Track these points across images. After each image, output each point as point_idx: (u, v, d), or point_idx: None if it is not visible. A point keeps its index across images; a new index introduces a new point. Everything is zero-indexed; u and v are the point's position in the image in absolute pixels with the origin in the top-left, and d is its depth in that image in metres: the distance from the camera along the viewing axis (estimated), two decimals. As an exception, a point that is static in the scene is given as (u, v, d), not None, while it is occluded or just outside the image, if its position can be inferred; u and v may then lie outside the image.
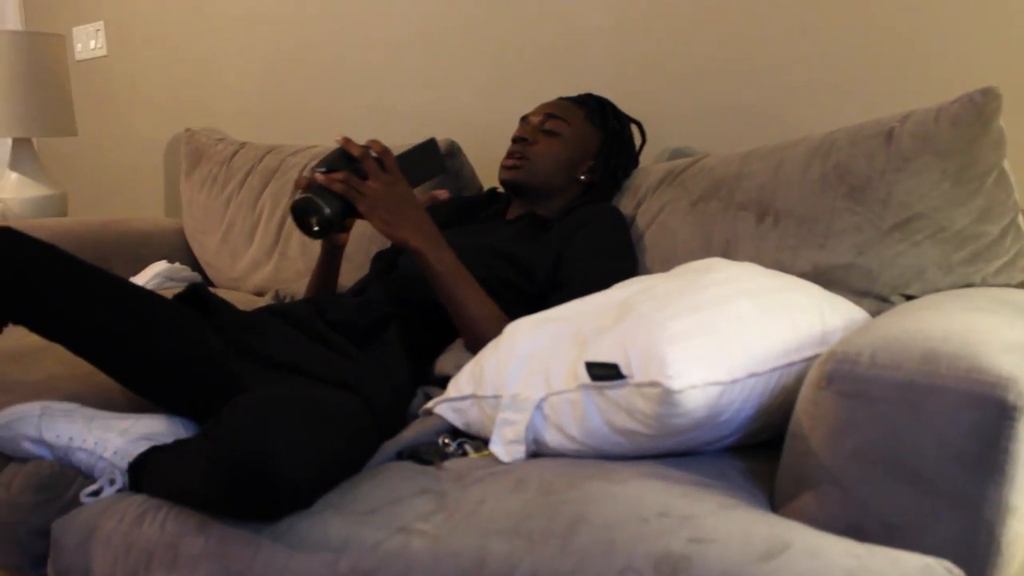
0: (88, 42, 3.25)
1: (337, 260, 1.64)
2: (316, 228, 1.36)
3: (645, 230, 1.58)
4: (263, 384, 1.18)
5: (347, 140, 1.37)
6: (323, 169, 1.36)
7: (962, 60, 1.54)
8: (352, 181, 1.33)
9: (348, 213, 1.37)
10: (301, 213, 1.36)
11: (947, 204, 1.26)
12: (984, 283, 1.28)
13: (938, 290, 1.28)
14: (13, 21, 3.48)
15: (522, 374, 1.08)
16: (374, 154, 1.36)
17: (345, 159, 1.37)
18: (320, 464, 0.96)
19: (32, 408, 1.25)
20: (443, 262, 1.36)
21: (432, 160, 1.46)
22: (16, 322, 1.20)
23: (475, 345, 1.34)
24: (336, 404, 1.04)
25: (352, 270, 1.96)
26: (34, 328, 1.21)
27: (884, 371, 0.83)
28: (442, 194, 1.48)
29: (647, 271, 1.54)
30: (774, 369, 1.00)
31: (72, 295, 1.18)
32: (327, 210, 1.35)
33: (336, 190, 1.34)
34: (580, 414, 1.01)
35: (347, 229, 1.58)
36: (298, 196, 1.37)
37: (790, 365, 1.02)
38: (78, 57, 3.28)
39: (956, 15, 1.53)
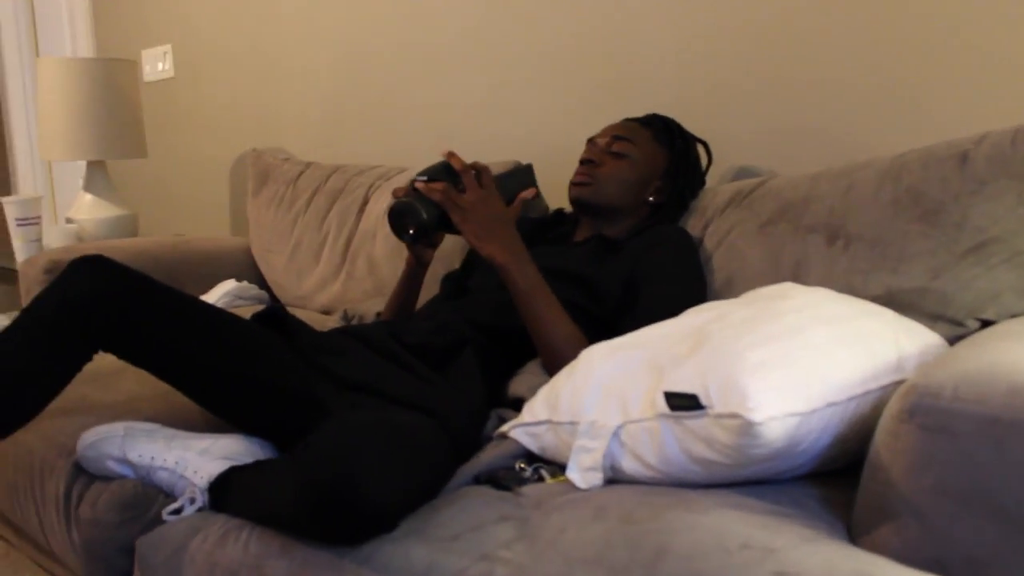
0: (156, 64, 3.34)
1: (421, 277, 1.68)
2: (411, 232, 1.44)
3: (713, 252, 1.58)
4: (343, 406, 1.21)
5: (451, 154, 1.44)
6: (424, 178, 1.42)
7: (1035, 79, 1.52)
8: (450, 192, 1.39)
9: (443, 223, 1.44)
10: (398, 216, 1.44)
11: (1023, 228, 1.24)
12: (1061, 307, 1.27)
13: (1014, 315, 1.27)
14: (86, 47, 3.59)
15: (598, 401, 1.09)
16: (474, 171, 1.42)
17: (446, 171, 1.43)
18: (404, 489, 0.98)
19: (116, 428, 1.29)
20: (527, 279, 1.39)
21: (528, 183, 1.53)
22: (105, 350, 1.24)
23: (553, 366, 1.36)
24: (418, 429, 1.07)
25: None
26: (121, 354, 1.26)
27: (968, 405, 0.82)
28: (529, 193, 1.51)
29: (715, 294, 1.53)
30: (851, 398, 1.00)
31: (159, 322, 1.23)
32: (424, 215, 1.42)
33: (435, 199, 1.40)
34: (658, 443, 1.02)
35: (436, 244, 1.62)
36: (397, 200, 1.43)
37: (867, 394, 1.02)
38: (146, 79, 3.37)
39: (1029, 34, 1.51)
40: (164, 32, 3.30)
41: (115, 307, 1.20)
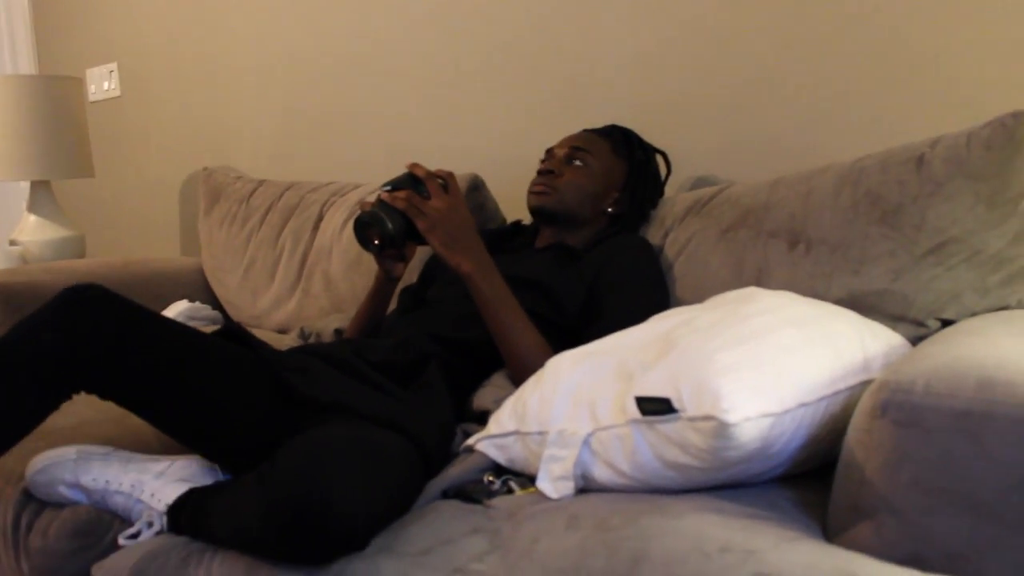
0: (101, 83, 3.28)
1: (389, 292, 1.65)
2: (376, 242, 1.42)
3: (674, 260, 1.58)
4: (312, 425, 1.18)
5: (415, 164, 1.42)
6: (389, 188, 1.41)
7: (985, 85, 1.54)
8: (414, 199, 1.38)
9: (410, 233, 1.42)
10: (363, 227, 1.43)
11: (981, 227, 1.26)
12: (1020, 305, 1.28)
13: (974, 314, 1.28)
14: (28, 65, 3.52)
15: (567, 409, 1.08)
16: (439, 179, 1.41)
17: (411, 181, 1.42)
18: (375, 506, 0.96)
19: (67, 452, 1.25)
20: (494, 288, 1.38)
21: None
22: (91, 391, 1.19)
23: (520, 376, 1.34)
24: (388, 445, 1.04)
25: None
26: (104, 394, 1.20)
27: (940, 399, 0.82)
28: None
29: (678, 301, 1.53)
30: (821, 398, 1.00)
31: (157, 359, 1.18)
32: (389, 225, 1.40)
33: (399, 207, 1.38)
34: (630, 449, 1.01)
35: (408, 258, 1.58)
36: (362, 211, 1.42)
37: (836, 394, 1.02)
38: (92, 99, 3.31)
39: (979, 39, 1.54)
40: (109, 50, 3.25)
41: (119, 347, 1.15)
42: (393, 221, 1.40)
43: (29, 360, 1.12)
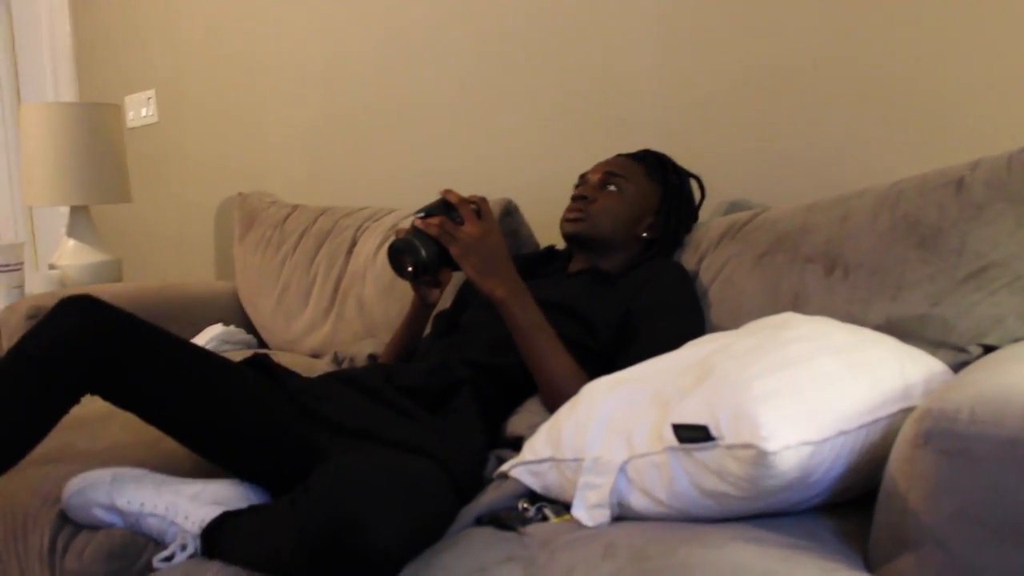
0: (140, 110, 3.33)
1: (424, 318, 1.65)
2: (410, 269, 1.43)
3: (709, 286, 1.57)
4: (340, 452, 1.18)
5: (448, 190, 1.43)
6: (422, 215, 1.42)
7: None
8: (447, 225, 1.38)
9: (443, 260, 1.43)
10: (397, 254, 1.44)
11: (1023, 252, 1.24)
12: (1064, 331, 1.26)
13: (1017, 339, 1.26)
14: (69, 92, 3.58)
15: (603, 436, 1.07)
16: (472, 205, 1.41)
17: (444, 207, 1.43)
18: (408, 532, 0.95)
19: (103, 475, 1.25)
20: (528, 314, 1.38)
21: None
22: (94, 392, 1.21)
23: (554, 402, 1.33)
24: (421, 471, 1.04)
25: (409, 330, 1.96)
26: (109, 397, 1.23)
27: (986, 428, 0.81)
28: None
29: (713, 327, 1.52)
30: (861, 426, 0.98)
31: (150, 364, 1.20)
32: (423, 252, 1.41)
33: (432, 233, 1.39)
34: (667, 477, 0.99)
35: (443, 284, 1.58)
36: (396, 238, 1.43)
37: (876, 422, 1.00)
38: (130, 125, 3.36)
39: (1019, 61, 1.52)
40: (147, 77, 3.30)
41: (104, 347, 1.17)
42: (427, 248, 1.41)
43: (18, 366, 1.18)
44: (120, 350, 1.18)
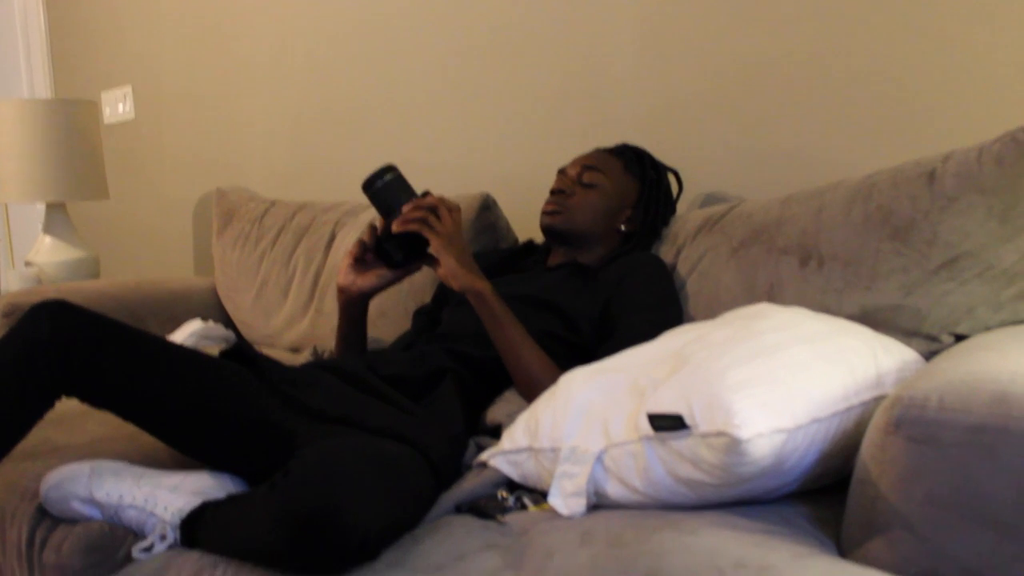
0: (116, 106, 3.31)
1: (359, 311, 1.60)
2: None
3: (687, 278, 1.58)
4: (319, 437, 1.18)
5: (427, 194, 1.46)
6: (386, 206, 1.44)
7: (996, 100, 1.54)
8: (430, 218, 1.40)
9: (413, 253, 1.46)
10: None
11: (994, 242, 1.26)
12: (1034, 320, 1.28)
13: (988, 328, 1.28)
14: (44, 88, 3.55)
15: (580, 426, 1.08)
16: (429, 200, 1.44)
17: (399, 187, 1.45)
18: (387, 518, 0.96)
19: (81, 468, 1.25)
20: (504, 308, 1.40)
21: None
22: (69, 395, 1.21)
23: (531, 394, 1.35)
24: (399, 457, 1.05)
25: (388, 325, 1.97)
26: (85, 398, 1.23)
27: (954, 415, 0.82)
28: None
29: (691, 318, 1.53)
30: (834, 414, 1.00)
31: (123, 364, 1.20)
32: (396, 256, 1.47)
33: (411, 228, 1.40)
34: (643, 466, 1.00)
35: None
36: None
37: (849, 410, 1.02)
38: (106, 121, 3.34)
39: (990, 55, 1.54)
40: (124, 73, 3.28)
41: (76, 352, 1.18)
42: (394, 251, 1.45)
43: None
44: (92, 354, 1.19)
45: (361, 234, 1.54)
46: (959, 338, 1.29)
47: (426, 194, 1.45)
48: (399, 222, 1.40)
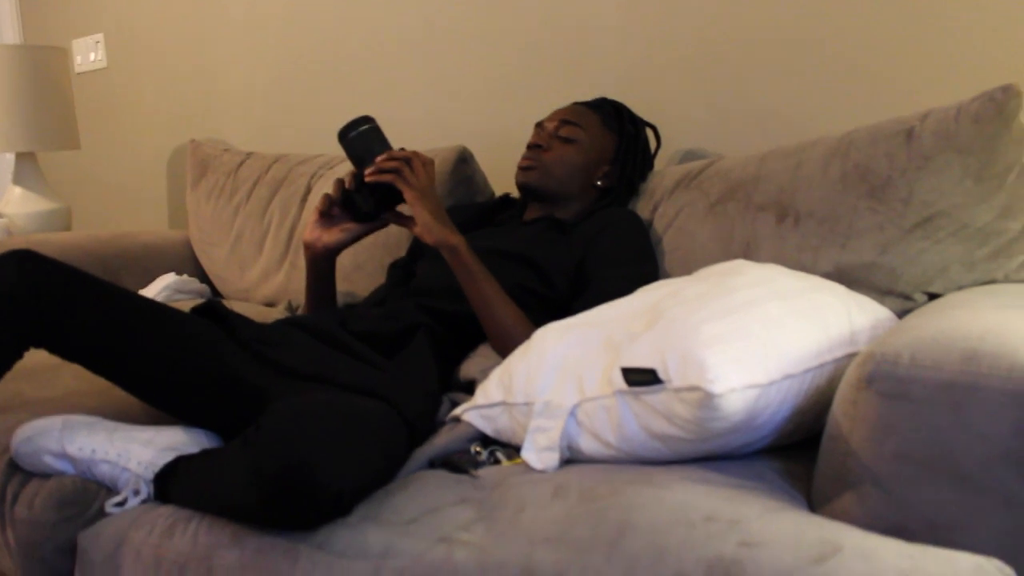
0: (88, 55, 3.24)
1: (327, 266, 1.57)
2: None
3: (663, 234, 1.58)
4: (291, 395, 1.18)
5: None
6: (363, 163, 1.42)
7: (976, 59, 1.54)
8: (405, 171, 1.37)
9: (383, 204, 1.44)
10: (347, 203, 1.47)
11: (969, 201, 1.26)
12: (1007, 279, 1.28)
13: (961, 287, 1.28)
14: (12, 35, 3.47)
15: (553, 380, 1.08)
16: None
17: (374, 138, 1.43)
18: (359, 472, 0.96)
19: (53, 422, 1.24)
20: (477, 262, 1.38)
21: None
22: (37, 346, 1.20)
23: (504, 348, 1.35)
24: (371, 412, 1.04)
25: (364, 279, 1.96)
26: (54, 350, 1.21)
27: (925, 371, 0.83)
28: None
29: (667, 274, 1.53)
30: (807, 370, 1.00)
31: (93, 316, 1.19)
32: (362, 207, 1.45)
33: (386, 180, 1.38)
34: (616, 420, 1.01)
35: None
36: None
37: (822, 366, 1.02)
38: (78, 70, 3.27)
39: (970, 14, 1.53)
40: (96, 21, 3.20)
41: (45, 301, 1.16)
42: (364, 202, 1.43)
43: None
44: (60, 305, 1.17)
45: (328, 190, 1.52)
46: (932, 297, 1.29)
47: (402, 150, 1.43)
48: (373, 171, 1.39)
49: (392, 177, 1.37)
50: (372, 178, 1.38)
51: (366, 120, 1.43)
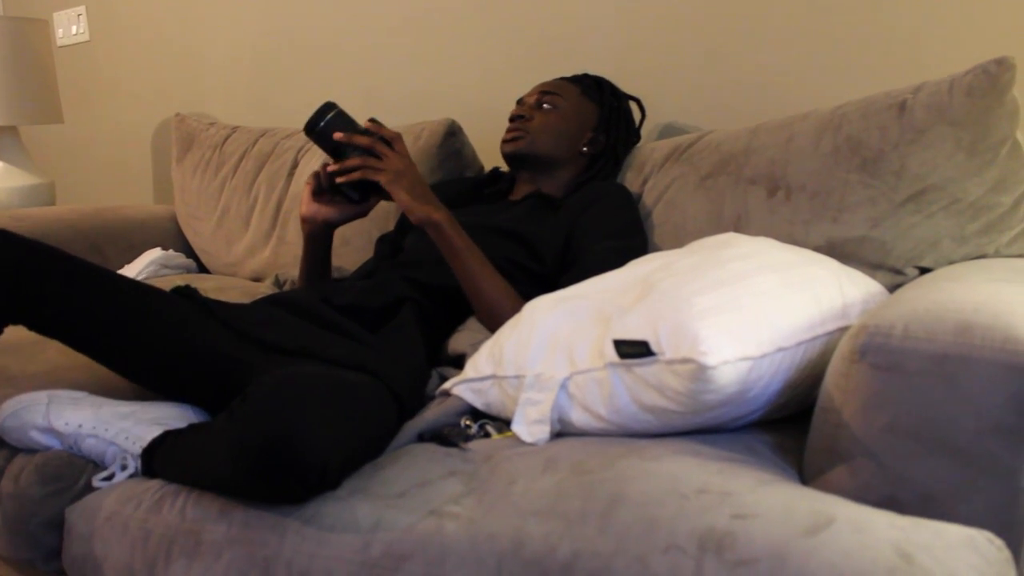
0: (69, 27, 3.19)
1: (325, 241, 1.57)
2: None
3: (653, 207, 1.57)
4: (276, 368, 1.17)
5: (371, 120, 1.41)
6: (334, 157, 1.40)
7: (970, 32, 1.53)
8: (369, 161, 1.35)
9: (370, 192, 1.43)
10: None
11: (961, 175, 1.26)
12: (998, 254, 1.28)
13: (952, 261, 1.28)
14: (-8, 7, 3.42)
15: (544, 353, 1.07)
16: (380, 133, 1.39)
17: (348, 125, 1.40)
18: (346, 445, 0.95)
19: (39, 397, 1.23)
20: (463, 237, 1.37)
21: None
22: (16, 323, 1.18)
23: (493, 323, 1.34)
24: (359, 385, 1.03)
25: (352, 253, 1.95)
26: (35, 328, 1.20)
27: (918, 343, 0.82)
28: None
29: (657, 248, 1.53)
30: (800, 343, 1.00)
31: (69, 294, 1.17)
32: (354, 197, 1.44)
33: (353, 178, 1.36)
34: (607, 393, 1.00)
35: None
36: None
37: (814, 339, 1.02)
38: (60, 43, 3.22)
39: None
40: (77, -7, 3.16)
41: (18, 280, 1.15)
42: (349, 192, 1.42)
43: None
44: (36, 282, 1.16)
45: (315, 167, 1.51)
46: (923, 271, 1.29)
47: (369, 121, 1.41)
48: (341, 176, 1.37)
49: (360, 173, 1.35)
50: (342, 179, 1.37)
51: (330, 108, 1.40)
